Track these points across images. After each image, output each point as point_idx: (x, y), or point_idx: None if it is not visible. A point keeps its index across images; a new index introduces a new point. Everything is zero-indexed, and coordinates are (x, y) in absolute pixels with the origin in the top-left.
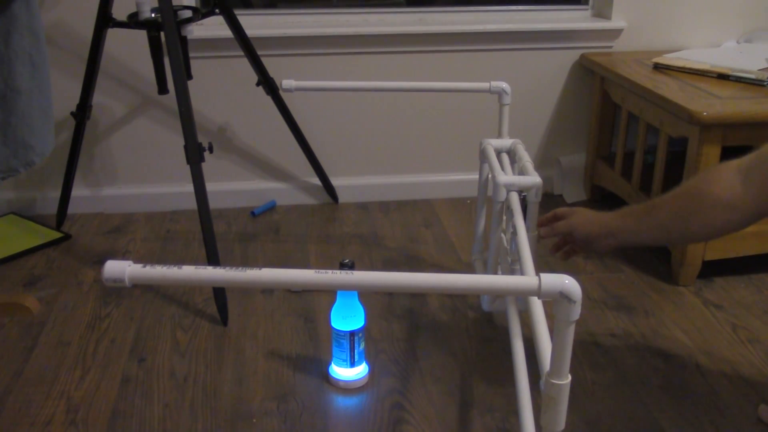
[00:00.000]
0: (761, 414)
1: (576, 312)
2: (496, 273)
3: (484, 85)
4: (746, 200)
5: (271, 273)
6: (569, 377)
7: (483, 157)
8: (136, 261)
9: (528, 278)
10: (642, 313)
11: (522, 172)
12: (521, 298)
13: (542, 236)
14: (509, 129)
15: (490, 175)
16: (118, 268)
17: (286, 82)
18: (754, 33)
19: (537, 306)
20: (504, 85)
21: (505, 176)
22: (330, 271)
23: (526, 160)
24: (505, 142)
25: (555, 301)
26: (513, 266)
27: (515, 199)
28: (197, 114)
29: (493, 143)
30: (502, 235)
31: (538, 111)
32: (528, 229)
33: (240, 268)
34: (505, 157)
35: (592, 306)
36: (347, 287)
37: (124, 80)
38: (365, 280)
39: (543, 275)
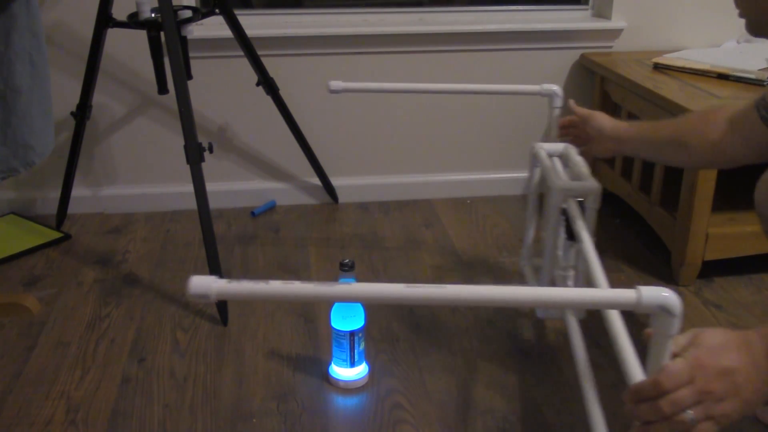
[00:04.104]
0: (759, 414)
1: (676, 326)
2: (551, 281)
3: (535, 87)
4: (732, 147)
5: (360, 288)
6: None
7: (535, 161)
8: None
9: (626, 291)
10: (642, 312)
11: (577, 177)
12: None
13: (561, 125)
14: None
15: (535, 180)
16: (204, 284)
17: (334, 83)
18: None
19: (615, 316)
20: (555, 87)
21: (563, 182)
22: (421, 286)
23: (582, 165)
24: (557, 146)
25: (653, 315)
26: (565, 273)
27: (574, 206)
28: (197, 114)
29: (545, 147)
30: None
31: (538, 111)
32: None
33: (329, 283)
34: (558, 162)
35: None
36: (439, 302)
37: (124, 80)
38: (456, 294)
39: (641, 288)
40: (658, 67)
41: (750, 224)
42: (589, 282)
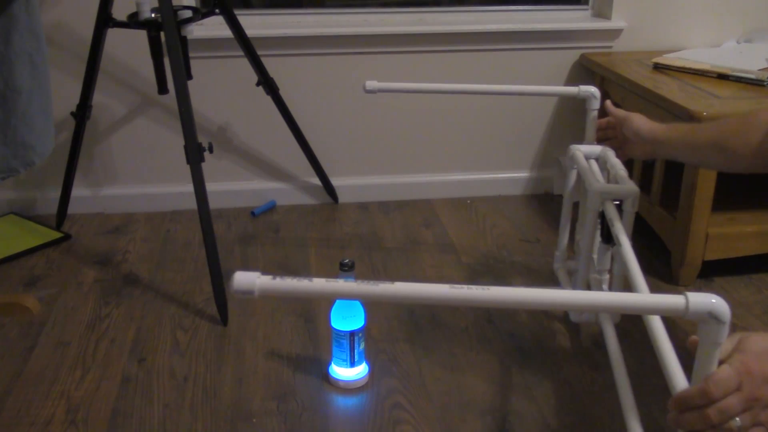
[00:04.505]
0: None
1: (724, 334)
2: (587, 284)
3: (573, 89)
4: None
5: (404, 287)
6: None
7: (572, 163)
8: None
9: (673, 297)
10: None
11: (615, 180)
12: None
13: (597, 127)
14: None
15: (571, 182)
16: (248, 280)
17: (369, 83)
18: (754, 33)
19: (657, 322)
20: (593, 89)
21: (601, 184)
22: (465, 286)
23: (620, 167)
24: (595, 148)
25: (701, 322)
26: (601, 277)
27: (612, 209)
28: (197, 114)
29: (582, 149)
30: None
31: (538, 111)
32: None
33: (372, 282)
34: (595, 164)
35: None
36: (484, 303)
37: (124, 80)
38: (501, 296)
39: (689, 294)
40: (658, 67)
41: (750, 224)
42: (627, 286)
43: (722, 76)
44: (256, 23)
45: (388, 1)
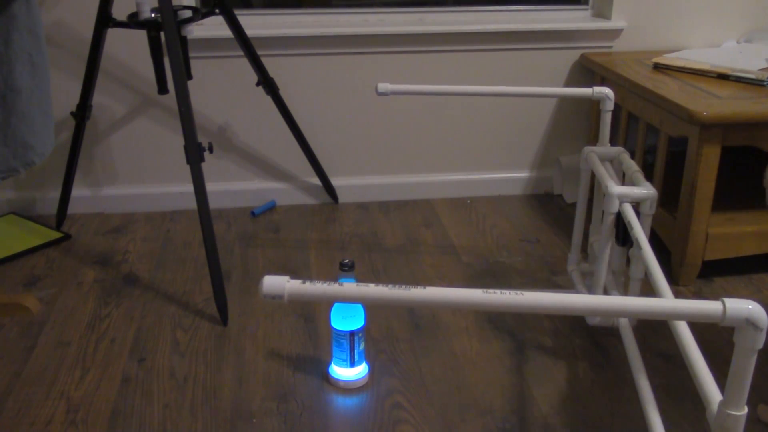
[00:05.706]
0: (761, 414)
1: (761, 340)
2: (603, 287)
3: (587, 91)
4: None
5: (436, 292)
6: (746, 409)
7: (586, 165)
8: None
9: (710, 303)
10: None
11: (631, 182)
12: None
13: None
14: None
15: (586, 184)
16: (277, 284)
17: (382, 86)
18: (754, 33)
19: (683, 328)
20: (607, 90)
21: (620, 187)
22: (499, 291)
23: (635, 170)
24: (609, 150)
25: (738, 328)
26: (617, 279)
27: (629, 211)
28: (197, 114)
29: (597, 151)
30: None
31: (538, 111)
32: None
33: (404, 287)
34: (609, 166)
35: None
36: (520, 309)
37: (124, 80)
38: (536, 301)
39: (727, 300)
40: (658, 67)
41: (750, 224)
42: (643, 289)
43: (722, 76)
44: (256, 23)
45: (388, 1)
